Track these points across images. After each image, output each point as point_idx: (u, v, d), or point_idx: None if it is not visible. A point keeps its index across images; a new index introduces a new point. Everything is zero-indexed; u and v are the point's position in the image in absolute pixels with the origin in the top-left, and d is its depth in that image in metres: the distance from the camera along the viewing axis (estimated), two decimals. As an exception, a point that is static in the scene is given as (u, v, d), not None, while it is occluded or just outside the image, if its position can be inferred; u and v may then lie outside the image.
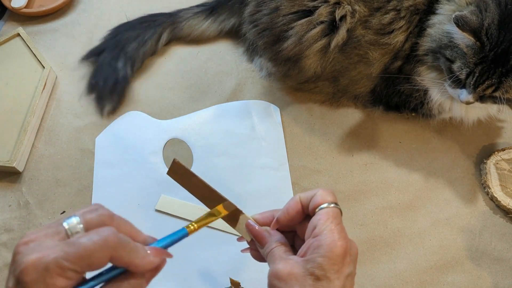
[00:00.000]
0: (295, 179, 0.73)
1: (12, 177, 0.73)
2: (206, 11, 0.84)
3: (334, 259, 0.40)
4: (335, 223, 0.42)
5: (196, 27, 0.84)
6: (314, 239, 0.41)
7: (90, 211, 0.37)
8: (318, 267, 0.40)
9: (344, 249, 0.41)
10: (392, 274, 0.66)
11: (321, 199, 0.43)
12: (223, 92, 0.82)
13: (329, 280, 0.40)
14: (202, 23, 0.84)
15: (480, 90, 0.62)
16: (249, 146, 0.76)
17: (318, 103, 0.81)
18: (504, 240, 0.69)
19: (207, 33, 0.85)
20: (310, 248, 0.41)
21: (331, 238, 0.40)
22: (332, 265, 0.40)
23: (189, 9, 0.85)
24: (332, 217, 0.42)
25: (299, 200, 0.45)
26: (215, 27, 0.85)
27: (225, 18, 0.84)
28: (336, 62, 0.72)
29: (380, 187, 0.73)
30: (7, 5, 0.88)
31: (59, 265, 0.33)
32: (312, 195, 0.44)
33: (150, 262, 0.38)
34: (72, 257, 0.33)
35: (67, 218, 0.36)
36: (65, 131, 0.77)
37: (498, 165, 0.74)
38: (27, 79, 0.79)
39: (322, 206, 0.43)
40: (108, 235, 0.35)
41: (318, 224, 0.42)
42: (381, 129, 0.79)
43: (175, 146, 0.76)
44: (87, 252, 0.34)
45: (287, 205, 0.46)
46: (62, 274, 0.33)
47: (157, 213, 0.69)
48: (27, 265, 0.33)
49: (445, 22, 0.63)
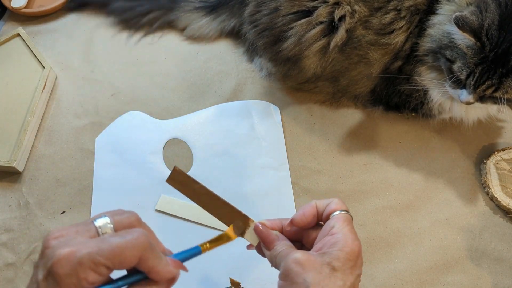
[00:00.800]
0: (295, 179, 0.73)
1: (12, 177, 0.73)
2: (207, 8, 0.85)
3: (350, 254, 0.43)
4: (350, 226, 0.45)
5: (194, 21, 0.85)
6: (330, 237, 0.44)
7: (118, 213, 0.39)
8: (335, 259, 0.42)
9: (359, 248, 0.44)
10: (392, 274, 0.66)
11: (336, 206, 0.47)
12: (223, 92, 0.82)
13: (344, 273, 0.42)
14: (201, 19, 0.84)
15: (480, 90, 0.62)
16: (249, 146, 0.76)
17: (318, 103, 0.81)
18: (504, 240, 0.69)
19: (205, 31, 0.85)
20: (326, 245, 0.44)
21: (349, 237, 0.44)
22: (348, 260, 0.42)
23: (190, 2, 0.85)
24: (348, 221, 0.45)
25: (315, 205, 0.48)
26: (215, 26, 0.85)
27: (225, 18, 0.84)
28: (336, 62, 0.72)
29: (380, 187, 0.73)
30: (7, 5, 0.88)
31: (92, 260, 0.34)
32: (328, 203, 0.47)
33: (170, 272, 0.39)
34: (105, 253, 0.34)
35: (98, 218, 0.37)
36: (65, 131, 0.77)
37: (498, 165, 0.74)
38: (27, 79, 0.79)
39: (337, 211, 0.46)
40: (140, 236, 0.36)
41: (336, 225, 0.45)
42: (381, 129, 0.79)
43: (175, 146, 0.76)
44: (120, 249, 0.35)
45: (303, 208, 0.48)
46: (94, 269, 0.34)
47: (157, 213, 0.69)
48: (60, 258, 0.34)
49: (446, 22, 0.63)
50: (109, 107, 0.79)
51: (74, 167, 0.74)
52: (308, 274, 0.41)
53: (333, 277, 0.41)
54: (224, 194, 0.71)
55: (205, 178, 0.73)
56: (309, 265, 0.42)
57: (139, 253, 0.36)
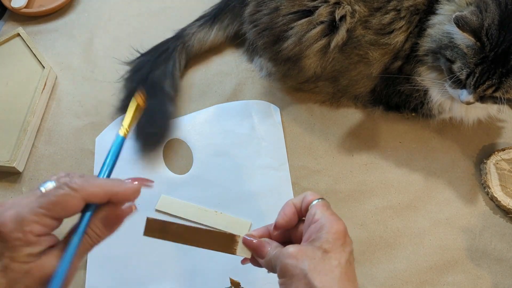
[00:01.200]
0: (295, 179, 0.73)
1: (12, 177, 0.73)
2: (209, 21, 0.83)
3: (338, 234, 0.44)
4: (330, 210, 0.47)
5: (204, 39, 0.82)
6: (315, 224, 0.46)
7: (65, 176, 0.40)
8: (325, 242, 0.44)
9: (344, 227, 0.45)
10: (392, 274, 0.66)
11: (311, 197, 0.48)
12: (223, 92, 0.82)
13: (336, 252, 0.43)
14: (209, 34, 0.82)
15: (480, 90, 0.62)
16: (249, 146, 0.76)
17: (318, 103, 0.81)
18: (504, 240, 0.69)
19: (214, 42, 0.84)
20: (313, 232, 0.45)
21: (332, 219, 0.45)
22: (337, 240, 0.44)
23: (192, 24, 0.83)
24: (326, 207, 0.47)
25: (292, 203, 0.50)
26: (221, 34, 0.83)
27: (228, 23, 0.83)
28: (336, 62, 0.72)
29: (380, 187, 0.73)
30: (7, 5, 0.88)
31: (34, 213, 0.36)
32: (303, 197, 0.49)
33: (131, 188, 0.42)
34: (45, 205, 0.37)
35: (44, 183, 0.39)
36: (65, 131, 0.77)
37: (498, 165, 0.74)
38: (27, 79, 0.79)
39: (314, 201, 0.48)
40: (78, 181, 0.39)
41: (317, 211, 0.46)
42: (381, 129, 0.79)
43: (175, 146, 0.76)
44: (59, 197, 0.37)
45: (282, 209, 0.50)
46: (38, 221, 0.37)
47: (157, 213, 0.69)
48: (4, 219, 0.36)
49: (445, 22, 0.63)
50: (109, 107, 0.79)
51: (74, 167, 0.74)
52: (303, 263, 0.42)
53: (327, 259, 0.43)
54: (224, 194, 0.71)
55: (205, 178, 0.73)
56: (302, 255, 0.43)
57: (79, 196, 0.38)
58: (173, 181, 0.73)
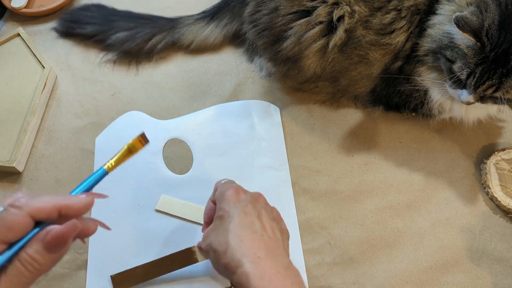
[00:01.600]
0: (295, 179, 0.73)
1: (12, 177, 0.73)
2: (207, 17, 0.83)
3: (227, 198, 0.52)
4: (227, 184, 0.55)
5: (198, 33, 0.83)
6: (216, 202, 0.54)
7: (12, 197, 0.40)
8: (219, 210, 0.52)
9: (233, 189, 0.52)
10: (392, 274, 0.66)
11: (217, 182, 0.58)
12: (223, 92, 0.82)
13: (230, 212, 0.50)
14: (204, 29, 0.83)
15: (480, 90, 0.62)
16: (249, 146, 0.76)
17: (318, 103, 0.81)
18: (504, 240, 0.69)
19: (211, 39, 0.84)
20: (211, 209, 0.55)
21: (221, 190, 0.54)
22: (227, 204, 0.51)
23: (190, 16, 0.84)
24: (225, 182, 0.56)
25: (210, 201, 0.58)
26: (218, 32, 0.84)
27: (227, 22, 0.83)
28: (336, 62, 0.72)
29: (380, 187, 0.73)
30: (7, 5, 0.88)
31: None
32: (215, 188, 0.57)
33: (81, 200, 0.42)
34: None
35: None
36: (65, 131, 0.77)
37: (498, 165, 0.74)
38: (27, 79, 0.79)
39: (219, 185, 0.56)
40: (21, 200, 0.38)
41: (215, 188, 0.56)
42: (381, 129, 0.79)
43: (175, 146, 0.76)
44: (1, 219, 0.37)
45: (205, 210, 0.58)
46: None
47: (157, 213, 0.69)
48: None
49: (446, 22, 0.63)
50: (109, 107, 0.79)
51: (74, 167, 0.74)
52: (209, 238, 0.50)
53: (223, 223, 0.49)
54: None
55: (205, 178, 0.73)
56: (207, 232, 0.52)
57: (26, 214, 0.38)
58: (173, 181, 0.73)
